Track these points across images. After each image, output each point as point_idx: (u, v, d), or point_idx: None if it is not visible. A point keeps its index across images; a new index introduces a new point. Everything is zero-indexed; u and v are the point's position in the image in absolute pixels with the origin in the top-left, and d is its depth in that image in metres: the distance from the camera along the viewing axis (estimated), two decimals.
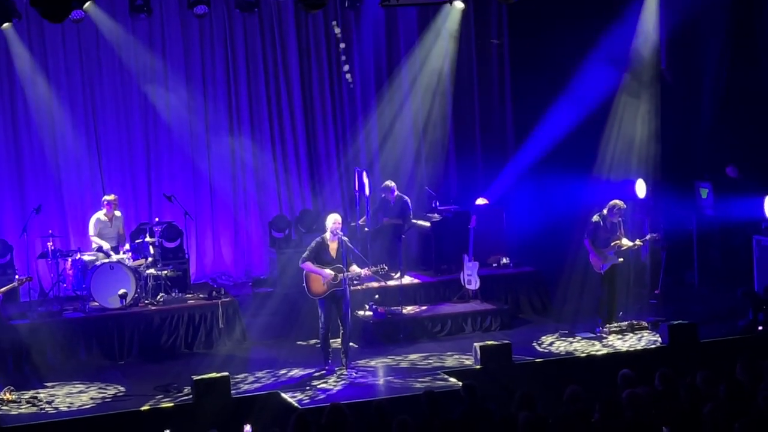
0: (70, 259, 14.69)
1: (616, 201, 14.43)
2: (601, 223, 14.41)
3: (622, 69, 17.66)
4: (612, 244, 14.37)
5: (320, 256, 13.05)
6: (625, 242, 14.49)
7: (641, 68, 17.67)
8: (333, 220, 13.12)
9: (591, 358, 13.34)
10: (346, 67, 17.65)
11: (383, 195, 16.42)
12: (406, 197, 16.38)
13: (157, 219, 15.88)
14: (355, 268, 13.15)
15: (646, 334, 14.29)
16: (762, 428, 8.02)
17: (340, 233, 13.08)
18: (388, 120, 17.95)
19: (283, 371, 13.34)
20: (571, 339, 14.35)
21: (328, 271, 12.93)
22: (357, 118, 17.91)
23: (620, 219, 14.48)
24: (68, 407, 12.18)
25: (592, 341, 14.15)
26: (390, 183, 16.37)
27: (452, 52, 18.02)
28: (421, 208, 17.24)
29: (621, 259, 14.56)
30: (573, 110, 17.49)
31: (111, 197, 15.30)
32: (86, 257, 14.71)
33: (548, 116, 17.71)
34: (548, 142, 17.69)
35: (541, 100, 17.73)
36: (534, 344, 14.18)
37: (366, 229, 15.96)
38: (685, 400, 8.99)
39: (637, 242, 14.77)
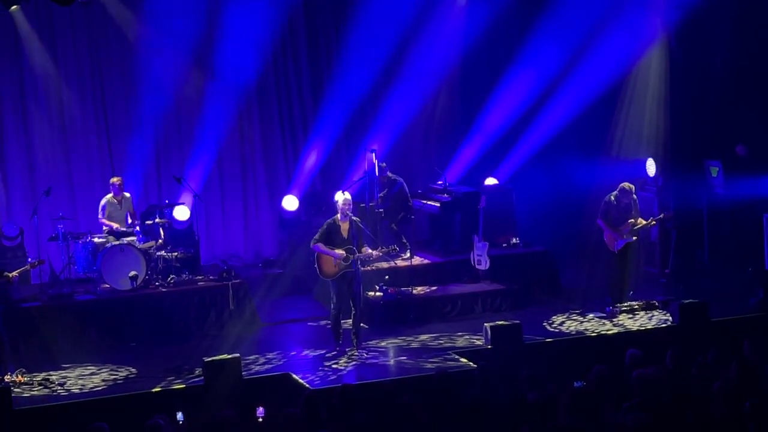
0: (80, 242, 14.71)
1: (625, 183, 14.45)
2: (614, 202, 14.41)
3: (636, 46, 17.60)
4: (629, 221, 14.38)
5: (331, 237, 13.00)
6: (641, 221, 14.50)
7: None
8: (342, 200, 13.09)
9: (602, 338, 13.33)
10: None
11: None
12: (397, 179, 16.17)
13: (167, 201, 15.87)
14: (366, 249, 13.13)
15: (656, 314, 14.28)
16: None
17: (350, 213, 13.07)
18: (397, 100, 17.90)
19: (294, 352, 13.37)
20: (581, 318, 14.35)
21: (340, 252, 12.91)
22: (365, 98, 17.85)
23: (635, 198, 14.50)
24: (80, 389, 12.21)
25: (603, 321, 14.14)
26: (380, 164, 16.19)
27: (459, 29, 17.92)
28: (430, 189, 17.19)
29: (635, 238, 14.56)
30: (584, 89, 17.44)
31: (116, 180, 15.32)
32: (96, 239, 14.72)
33: (559, 95, 17.65)
34: (559, 122, 17.65)
35: (552, 78, 17.66)
36: (544, 324, 14.17)
37: (377, 210, 15.92)
38: (696, 379, 8.98)
39: (651, 221, 14.80)
